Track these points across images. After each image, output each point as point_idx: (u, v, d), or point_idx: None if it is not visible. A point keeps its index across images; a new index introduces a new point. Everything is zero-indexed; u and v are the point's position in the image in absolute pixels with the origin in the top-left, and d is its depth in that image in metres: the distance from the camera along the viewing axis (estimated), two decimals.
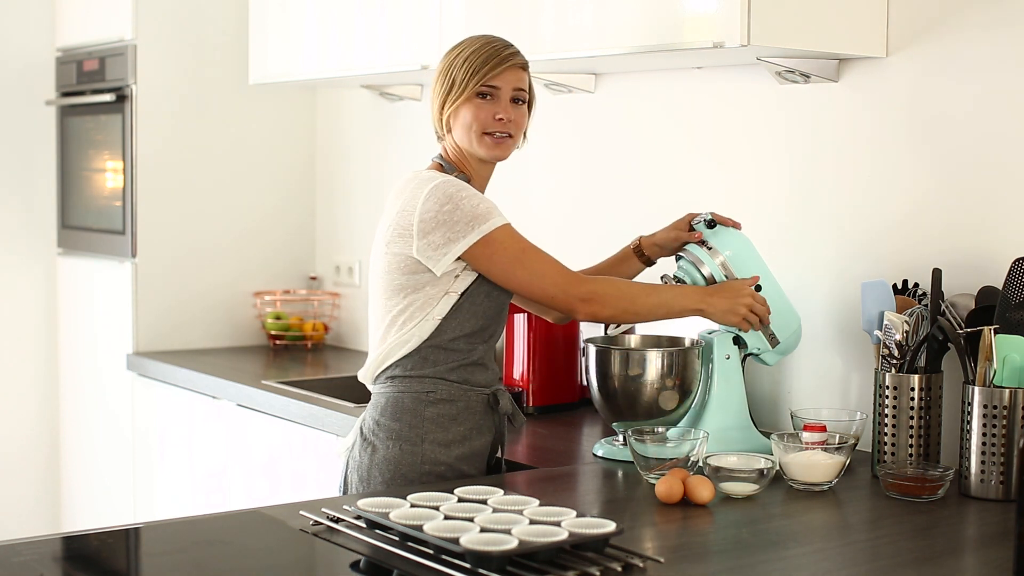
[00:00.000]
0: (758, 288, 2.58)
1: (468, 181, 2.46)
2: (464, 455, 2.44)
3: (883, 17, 2.67)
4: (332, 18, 3.61)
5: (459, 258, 2.37)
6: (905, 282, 2.61)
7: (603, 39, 2.79)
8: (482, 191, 2.51)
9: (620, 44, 2.76)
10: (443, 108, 2.47)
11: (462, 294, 2.41)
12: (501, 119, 2.45)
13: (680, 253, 2.64)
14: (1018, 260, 2.34)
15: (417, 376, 2.43)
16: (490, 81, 2.44)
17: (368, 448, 2.44)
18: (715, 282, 2.58)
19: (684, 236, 2.65)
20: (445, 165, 2.50)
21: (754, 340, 2.60)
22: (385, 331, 2.45)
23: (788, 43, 2.58)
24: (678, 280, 2.61)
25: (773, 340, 2.61)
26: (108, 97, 4.19)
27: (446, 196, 2.36)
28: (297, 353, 4.20)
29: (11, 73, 4.54)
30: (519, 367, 3.16)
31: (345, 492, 2.50)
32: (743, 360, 2.63)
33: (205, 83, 4.25)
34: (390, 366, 2.45)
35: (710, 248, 2.59)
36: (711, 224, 2.60)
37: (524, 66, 2.49)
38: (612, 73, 3.29)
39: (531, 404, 3.15)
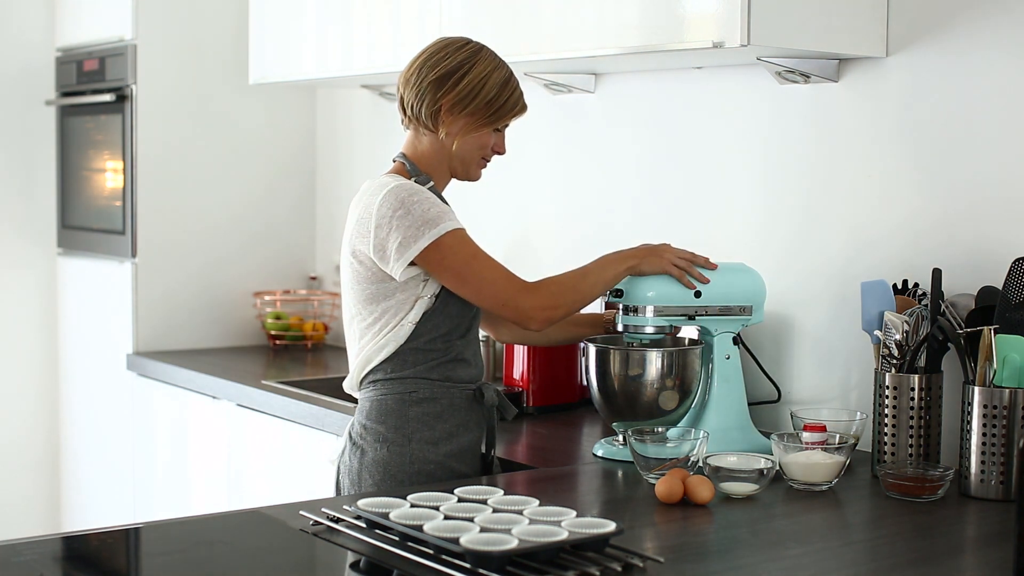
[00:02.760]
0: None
1: (430, 182, 2.46)
2: (453, 452, 2.44)
3: (883, 17, 2.67)
4: (332, 18, 3.61)
5: (413, 263, 2.37)
6: (905, 282, 2.61)
7: (603, 39, 2.79)
8: (441, 190, 2.52)
9: (620, 44, 2.76)
10: (461, 123, 2.45)
11: (435, 297, 2.42)
12: (500, 153, 2.54)
13: (621, 333, 2.63)
14: (1018, 260, 2.34)
15: (398, 377, 2.43)
16: (511, 122, 2.51)
17: (357, 452, 2.46)
18: (665, 329, 2.57)
19: (606, 316, 2.72)
20: (409, 166, 2.49)
21: (722, 346, 2.61)
22: (360, 338, 2.47)
23: (788, 43, 2.58)
24: (617, 293, 2.59)
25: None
26: (108, 97, 4.19)
27: (399, 201, 2.36)
28: (297, 353, 4.20)
29: (11, 73, 4.54)
30: (519, 367, 3.16)
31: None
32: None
33: (205, 83, 4.25)
34: (371, 371, 2.46)
35: (635, 309, 2.58)
36: (618, 293, 2.59)
37: None
38: (612, 73, 3.29)
39: (531, 404, 3.15)
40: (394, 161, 2.53)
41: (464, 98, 2.44)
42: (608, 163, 3.34)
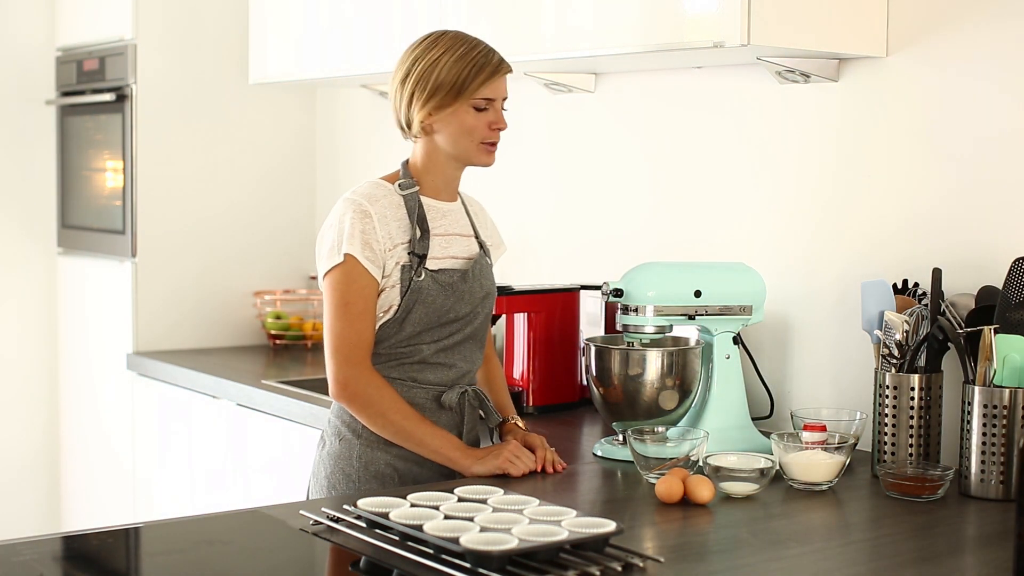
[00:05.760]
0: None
1: (413, 188, 2.42)
2: (406, 453, 2.39)
3: (883, 17, 2.67)
4: (332, 18, 3.61)
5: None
6: (905, 282, 2.61)
7: (603, 39, 2.79)
8: (453, 192, 2.49)
9: (620, 44, 2.76)
10: (428, 114, 2.38)
11: (396, 308, 2.38)
12: (499, 129, 2.41)
13: (620, 332, 2.63)
14: (1018, 260, 2.34)
15: None
16: (486, 94, 2.38)
17: (321, 444, 2.50)
18: (665, 329, 2.58)
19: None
20: (402, 171, 2.46)
21: (722, 346, 2.61)
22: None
23: (788, 43, 2.58)
24: (617, 293, 2.59)
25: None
26: (108, 97, 4.19)
27: (333, 216, 2.41)
28: (297, 353, 4.20)
29: (11, 73, 4.54)
30: (519, 367, 3.16)
31: (308, 487, 2.53)
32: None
33: (205, 83, 4.25)
34: None
35: (635, 309, 2.58)
36: (618, 292, 2.59)
37: (509, 71, 2.44)
38: (612, 73, 3.29)
39: (531, 404, 3.15)
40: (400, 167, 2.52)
41: (425, 95, 2.38)
42: (608, 163, 3.34)
